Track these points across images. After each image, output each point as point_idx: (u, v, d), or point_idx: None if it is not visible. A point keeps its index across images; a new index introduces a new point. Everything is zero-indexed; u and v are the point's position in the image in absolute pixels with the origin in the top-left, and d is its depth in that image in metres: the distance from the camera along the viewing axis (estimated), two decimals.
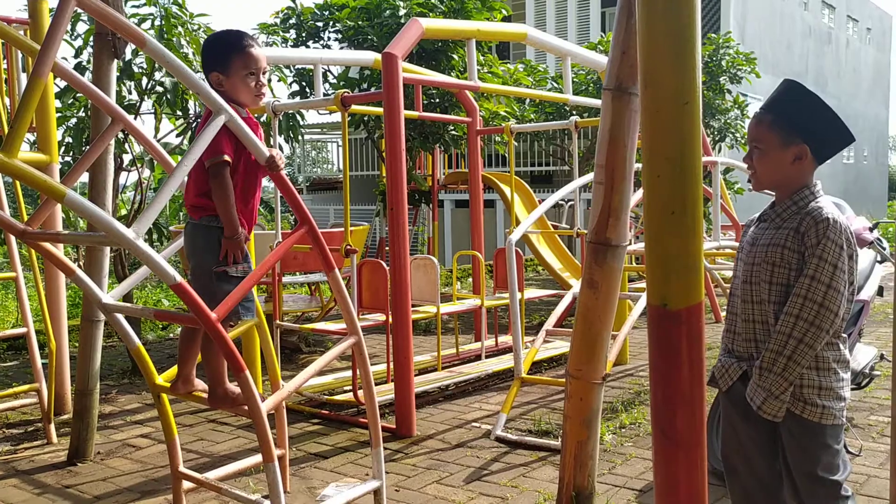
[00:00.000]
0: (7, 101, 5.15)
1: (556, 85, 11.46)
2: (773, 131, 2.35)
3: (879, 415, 4.94)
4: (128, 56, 5.76)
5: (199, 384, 3.22)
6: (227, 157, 2.89)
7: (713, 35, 11.75)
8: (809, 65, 22.99)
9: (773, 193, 2.50)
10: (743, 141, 11.83)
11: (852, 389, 4.66)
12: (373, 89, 8.09)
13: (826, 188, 2.51)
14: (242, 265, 3.05)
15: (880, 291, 4.56)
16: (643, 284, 8.45)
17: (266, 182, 3.32)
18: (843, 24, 25.70)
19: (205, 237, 3.03)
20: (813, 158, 2.37)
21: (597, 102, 7.26)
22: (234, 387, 3.12)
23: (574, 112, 10.45)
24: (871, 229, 4.53)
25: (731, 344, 2.55)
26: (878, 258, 4.53)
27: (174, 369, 3.37)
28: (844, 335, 2.47)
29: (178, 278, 2.63)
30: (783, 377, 2.33)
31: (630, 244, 5.24)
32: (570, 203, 11.47)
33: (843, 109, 25.45)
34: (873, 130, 29.09)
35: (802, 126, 2.34)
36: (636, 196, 4.54)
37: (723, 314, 8.57)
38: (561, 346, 6.69)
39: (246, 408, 2.87)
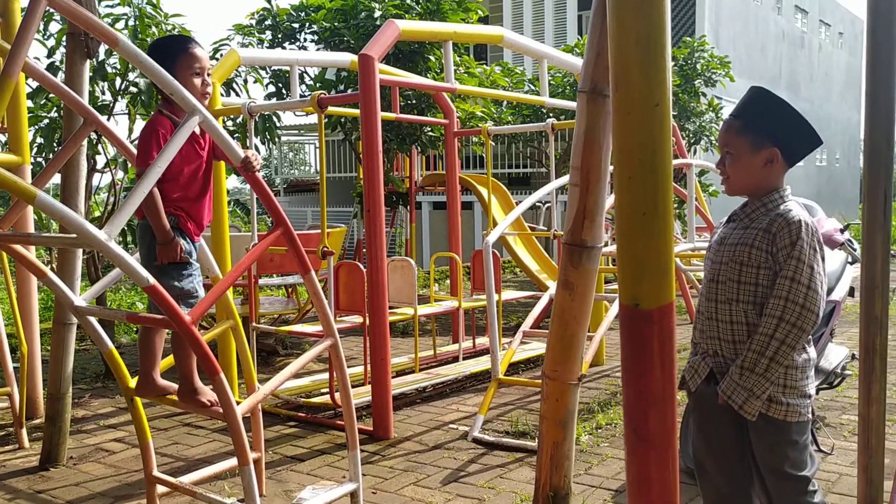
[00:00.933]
0: None
1: (532, 87, 11.51)
2: (743, 136, 2.41)
3: (851, 414, 5.01)
4: (101, 56, 5.71)
5: (167, 385, 3.22)
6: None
7: (688, 38, 11.86)
8: (783, 68, 23.28)
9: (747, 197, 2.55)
10: (717, 144, 11.95)
11: (824, 389, 4.72)
12: (349, 91, 8.07)
13: (799, 190, 2.56)
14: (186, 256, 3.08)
15: (851, 292, 4.61)
16: None
17: (242, 184, 3.35)
18: (816, 28, 26.05)
19: (144, 236, 3.08)
20: (783, 161, 2.43)
21: (573, 105, 7.30)
22: (205, 387, 3.11)
23: (551, 114, 10.49)
24: (842, 231, 4.59)
25: (699, 340, 2.59)
26: (850, 259, 4.59)
27: None
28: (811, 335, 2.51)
29: (152, 280, 2.61)
30: (765, 377, 2.36)
31: (606, 245, 5.28)
32: (546, 205, 11.53)
33: (815, 113, 25.83)
34: (845, 133, 29.50)
35: (772, 130, 2.39)
36: (612, 198, 4.57)
37: None
38: (538, 348, 6.71)
39: (220, 410, 2.85)
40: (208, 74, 3.12)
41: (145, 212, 2.95)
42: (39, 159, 5.97)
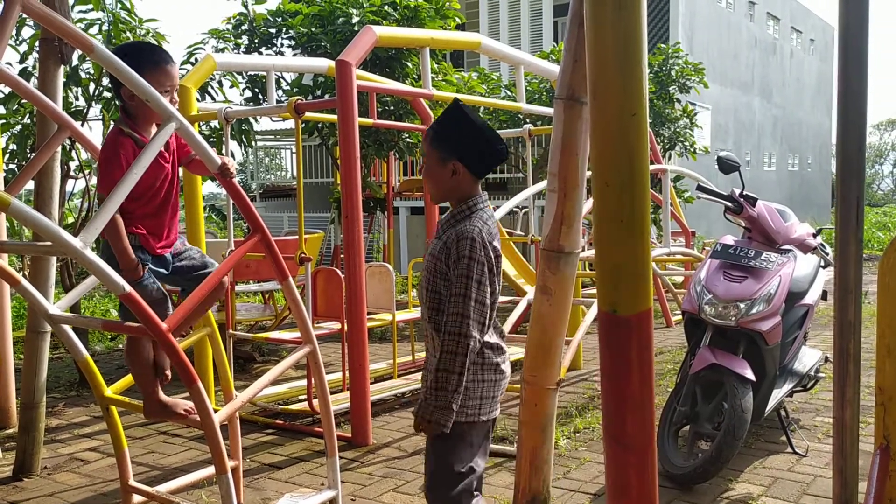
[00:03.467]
0: None
1: (509, 93, 11.55)
2: (433, 148, 2.51)
3: (825, 416, 5.07)
4: (75, 62, 5.65)
5: (173, 402, 3.12)
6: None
7: (662, 45, 11.98)
8: (755, 74, 23.58)
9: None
10: (693, 150, 12.08)
11: (798, 391, 4.79)
12: (326, 96, 8.05)
13: (771, 195, 2.60)
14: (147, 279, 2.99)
15: (824, 296, 4.68)
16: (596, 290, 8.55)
17: (218, 189, 3.31)
18: (788, 35, 26.42)
19: (109, 255, 2.96)
20: (469, 173, 2.51)
21: (550, 111, 7.34)
22: (172, 399, 3.08)
23: (528, 120, 10.54)
24: (814, 235, 4.65)
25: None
26: (822, 263, 4.66)
27: (123, 381, 3.30)
28: (502, 344, 2.61)
29: (127, 288, 2.59)
30: (446, 390, 2.42)
31: (583, 251, 5.30)
32: (524, 210, 11.56)
33: (787, 118, 26.19)
34: (817, 139, 29.93)
35: (455, 143, 2.49)
36: (588, 203, 4.60)
37: (674, 318, 8.72)
38: (516, 353, 6.72)
39: (198, 418, 2.83)
40: (176, 91, 3.00)
41: (107, 236, 2.85)
42: (12, 166, 5.90)
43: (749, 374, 3.95)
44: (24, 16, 2.48)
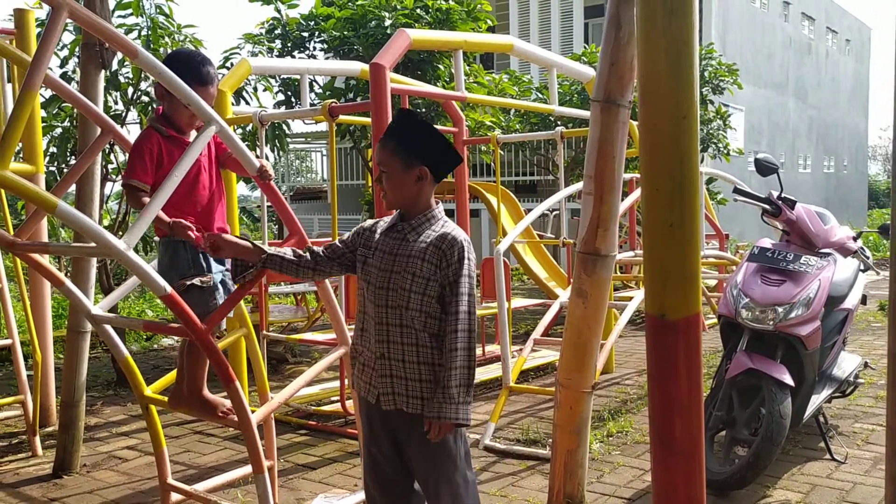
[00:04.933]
0: None
1: (540, 95, 11.53)
2: (396, 155, 2.54)
3: (864, 422, 4.99)
4: (114, 66, 5.75)
5: (218, 401, 3.17)
6: (134, 182, 2.95)
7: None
8: (790, 75, 23.27)
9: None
10: (726, 151, 11.96)
11: (837, 397, 4.72)
12: (359, 99, 8.10)
13: (807, 197, 2.57)
14: (203, 276, 3.04)
15: (864, 300, 4.61)
16: (629, 293, 8.49)
17: (250, 191, 3.35)
18: (823, 35, 26.04)
19: (165, 253, 3.06)
20: (432, 178, 2.57)
21: (581, 113, 7.31)
22: (215, 397, 3.12)
23: (559, 122, 10.51)
24: (854, 238, 4.59)
25: (361, 344, 2.64)
26: (862, 267, 4.58)
27: (162, 381, 3.36)
28: None
29: (168, 289, 2.63)
30: (464, 385, 2.45)
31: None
32: (555, 213, 11.53)
33: (822, 119, 25.80)
34: (853, 140, 29.45)
35: (420, 149, 2.54)
36: (622, 206, 4.58)
37: (707, 322, 8.63)
38: (548, 355, 6.71)
39: (235, 418, 2.87)
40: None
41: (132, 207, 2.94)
42: (52, 168, 6.02)
43: (788, 379, 3.90)
44: (67, 21, 2.53)
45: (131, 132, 6.44)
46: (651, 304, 1.67)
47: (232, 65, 7.47)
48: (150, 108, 5.97)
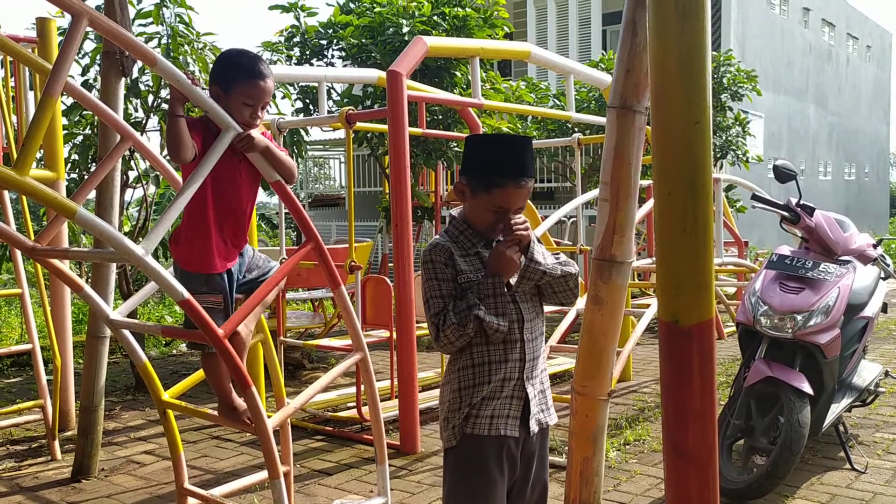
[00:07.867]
0: (14, 118, 5.19)
1: (557, 102, 11.51)
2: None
3: (885, 432, 4.93)
4: (134, 74, 5.81)
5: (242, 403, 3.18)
6: (180, 113, 2.80)
7: (714, 53, 11.83)
8: (810, 82, 23.10)
9: None
10: (745, 158, 11.88)
11: (857, 406, 4.66)
12: (376, 106, 8.13)
13: (827, 204, 2.56)
14: (207, 297, 3.02)
15: (884, 308, 4.56)
16: (646, 300, 8.45)
17: (268, 198, 3.35)
18: (844, 41, 25.84)
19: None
20: (470, 190, 2.33)
21: (599, 119, 7.29)
22: (240, 401, 3.14)
23: (576, 129, 10.49)
24: (874, 246, 4.54)
25: (498, 375, 2.34)
26: (882, 275, 4.54)
27: (180, 385, 3.38)
28: None
29: (186, 294, 2.65)
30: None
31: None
32: (572, 219, 11.49)
33: (843, 126, 25.59)
34: (874, 146, 29.18)
35: (463, 163, 2.38)
36: (639, 213, 4.56)
37: (726, 330, 8.56)
38: (565, 363, 6.68)
39: (251, 423, 2.88)
40: (262, 108, 3.00)
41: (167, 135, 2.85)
42: (73, 175, 6.08)
43: (807, 387, 3.86)
44: (87, 29, 2.56)
45: (151, 139, 6.52)
46: (664, 311, 1.66)
47: None
48: None
